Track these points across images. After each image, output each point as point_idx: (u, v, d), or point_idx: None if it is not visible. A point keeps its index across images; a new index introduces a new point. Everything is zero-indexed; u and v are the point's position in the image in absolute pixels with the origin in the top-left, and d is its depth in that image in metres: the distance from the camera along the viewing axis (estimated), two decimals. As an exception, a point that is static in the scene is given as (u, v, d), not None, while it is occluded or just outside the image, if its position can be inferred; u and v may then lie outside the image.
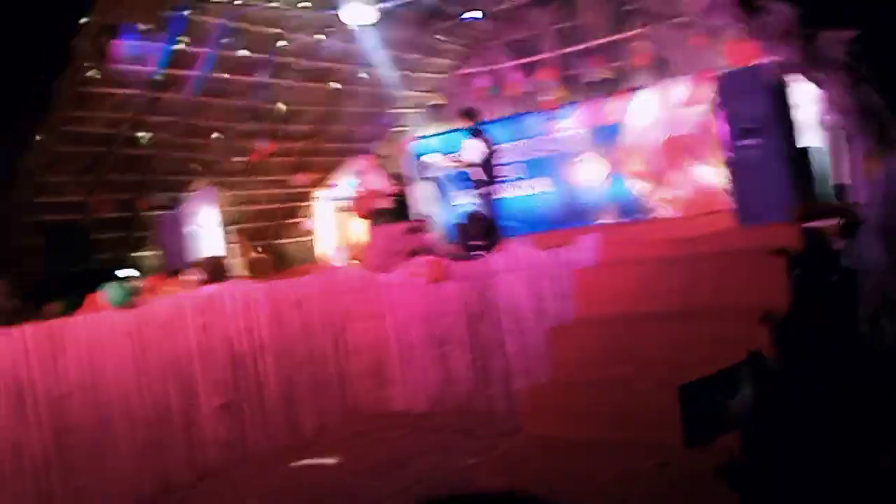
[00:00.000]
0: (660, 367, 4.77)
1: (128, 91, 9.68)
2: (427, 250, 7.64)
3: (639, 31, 11.29)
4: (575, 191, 11.63)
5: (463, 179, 9.13)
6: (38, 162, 9.51)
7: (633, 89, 11.27)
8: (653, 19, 11.06)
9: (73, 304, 7.21)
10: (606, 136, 11.36)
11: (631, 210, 10.97)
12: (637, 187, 11.08)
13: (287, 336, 7.06)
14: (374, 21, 9.97)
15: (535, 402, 5.25)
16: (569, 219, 11.10)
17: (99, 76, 9.25)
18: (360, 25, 10.15)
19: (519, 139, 12.03)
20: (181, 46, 9.67)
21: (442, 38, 12.19)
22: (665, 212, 10.70)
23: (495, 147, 8.96)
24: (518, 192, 11.86)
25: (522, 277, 6.59)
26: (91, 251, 9.89)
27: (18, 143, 9.45)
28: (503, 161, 9.79)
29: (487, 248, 7.39)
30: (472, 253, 7.37)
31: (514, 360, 6.50)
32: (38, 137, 9.41)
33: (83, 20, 8.83)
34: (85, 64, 9.11)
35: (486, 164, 8.68)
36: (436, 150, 11.52)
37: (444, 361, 6.91)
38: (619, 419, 4.68)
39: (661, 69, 11.19)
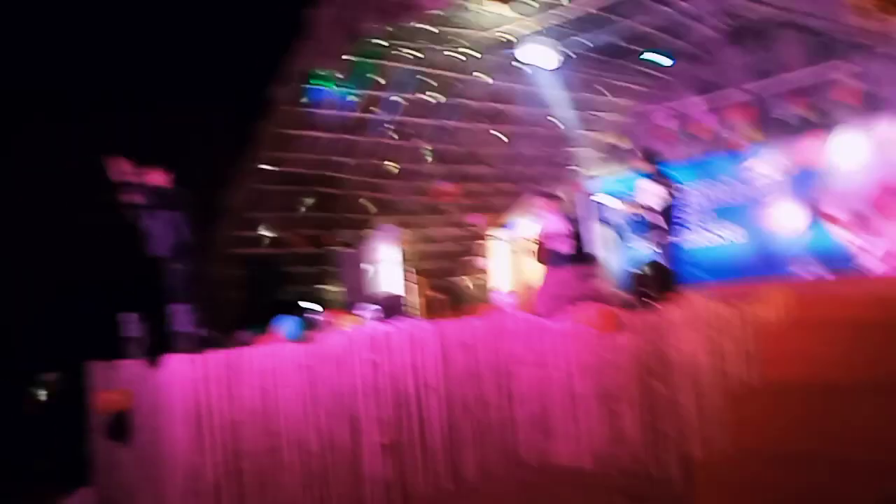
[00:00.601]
0: (855, 445, 4.23)
1: (321, 134, 10.31)
2: (599, 298, 7.34)
3: (844, 65, 10.37)
4: (768, 240, 10.79)
5: (641, 224, 8.73)
6: (240, 199, 10.32)
7: (837, 129, 10.32)
8: (860, 52, 10.12)
9: (258, 333, 7.66)
10: (805, 180, 10.47)
11: (832, 262, 9.96)
12: (839, 237, 10.07)
13: (453, 378, 7.00)
14: (554, 63, 9.91)
15: (710, 474, 4.84)
16: (760, 270, 10.29)
17: (296, 120, 9.93)
18: (539, 67, 10.13)
19: (706, 183, 11.39)
20: (370, 91, 10.19)
21: (623, 77, 11.88)
22: (872, 266, 9.63)
23: (678, 190, 8.49)
24: (703, 240, 11.21)
25: (702, 332, 6.13)
26: (283, 284, 10.57)
27: (224, 182, 10.32)
28: (687, 206, 9.24)
29: (663, 299, 6.97)
30: (647, 303, 6.98)
31: (689, 424, 6.03)
32: (242, 177, 10.23)
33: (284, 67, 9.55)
34: (284, 108, 9.81)
35: (667, 209, 8.24)
36: (614, 192, 11.18)
37: (612, 418, 6.55)
38: (805, 501, 4.18)
39: (871, 107, 10.18)
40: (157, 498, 5.96)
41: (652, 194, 8.35)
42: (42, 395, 7.92)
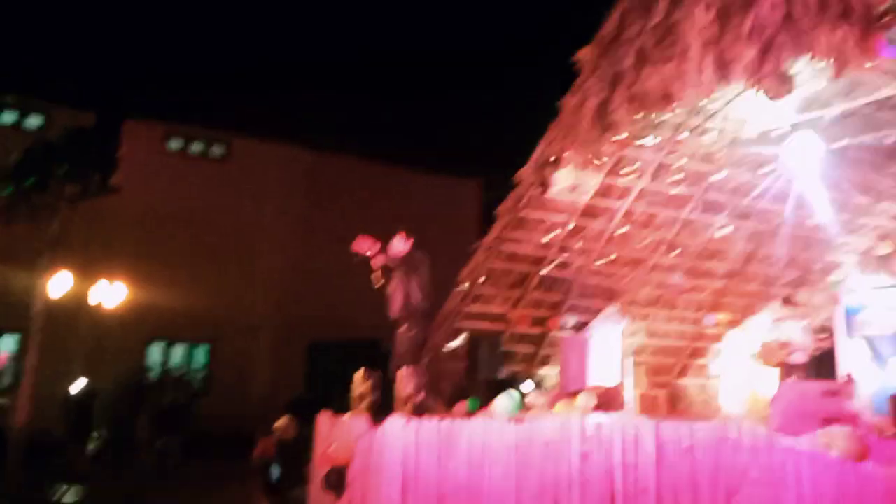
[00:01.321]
0: None
1: (558, 217, 10.40)
2: (848, 419, 6.53)
3: None
4: None
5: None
6: (472, 274, 10.65)
7: None
8: None
9: (476, 406, 7.75)
10: None
11: None
12: None
13: (671, 483, 6.54)
14: (815, 160, 9.22)
15: None
16: None
17: (536, 202, 10.10)
18: (796, 164, 9.46)
19: None
20: (613, 178, 10.14)
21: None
22: None
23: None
24: None
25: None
26: (502, 360, 10.67)
27: (465, 256, 10.74)
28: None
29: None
30: (908, 433, 6.09)
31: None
32: (479, 253, 10.57)
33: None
34: (526, 191, 10.03)
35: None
36: (877, 305, 9.99)
37: (854, 558, 5.71)
38: None
39: None
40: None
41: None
42: (273, 439, 8.62)
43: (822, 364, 9.01)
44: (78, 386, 14.29)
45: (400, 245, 7.03)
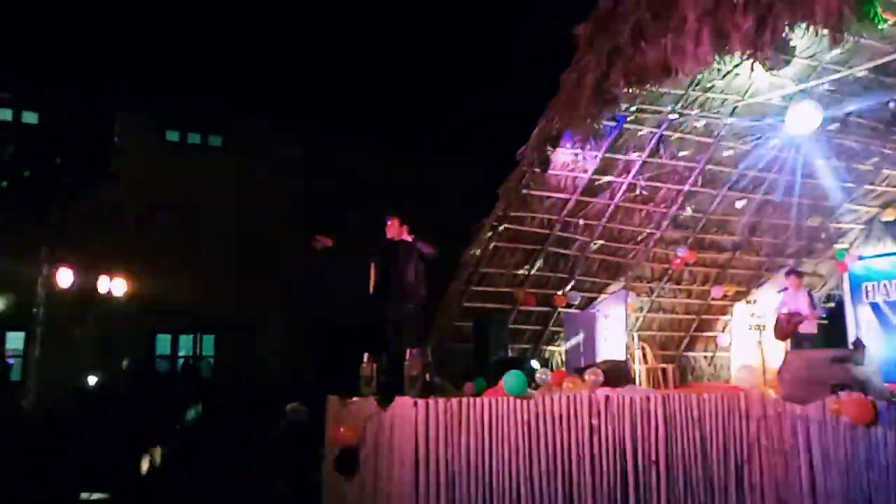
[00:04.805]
0: None
1: (560, 195, 10.36)
2: (856, 386, 6.54)
3: None
4: None
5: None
6: (479, 255, 10.63)
7: None
8: None
9: (483, 386, 7.77)
10: None
11: None
12: None
13: (681, 455, 6.60)
14: (815, 128, 9.13)
15: None
16: None
17: (537, 181, 10.07)
18: (802, 133, 9.36)
19: None
20: (614, 154, 10.09)
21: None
22: None
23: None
24: None
25: None
26: (509, 339, 10.69)
27: (466, 237, 10.73)
28: None
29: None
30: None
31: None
32: (482, 233, 10.56)
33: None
34: (528, 169, 9.99)
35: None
36: (883, 271, 9.98)
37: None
38: None
39: None
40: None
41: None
42: (284, 423, 8.68)
43: (829, 332, 9.03)
44: (91, 378, 14.33)
45: (395, 230, 7.04)
